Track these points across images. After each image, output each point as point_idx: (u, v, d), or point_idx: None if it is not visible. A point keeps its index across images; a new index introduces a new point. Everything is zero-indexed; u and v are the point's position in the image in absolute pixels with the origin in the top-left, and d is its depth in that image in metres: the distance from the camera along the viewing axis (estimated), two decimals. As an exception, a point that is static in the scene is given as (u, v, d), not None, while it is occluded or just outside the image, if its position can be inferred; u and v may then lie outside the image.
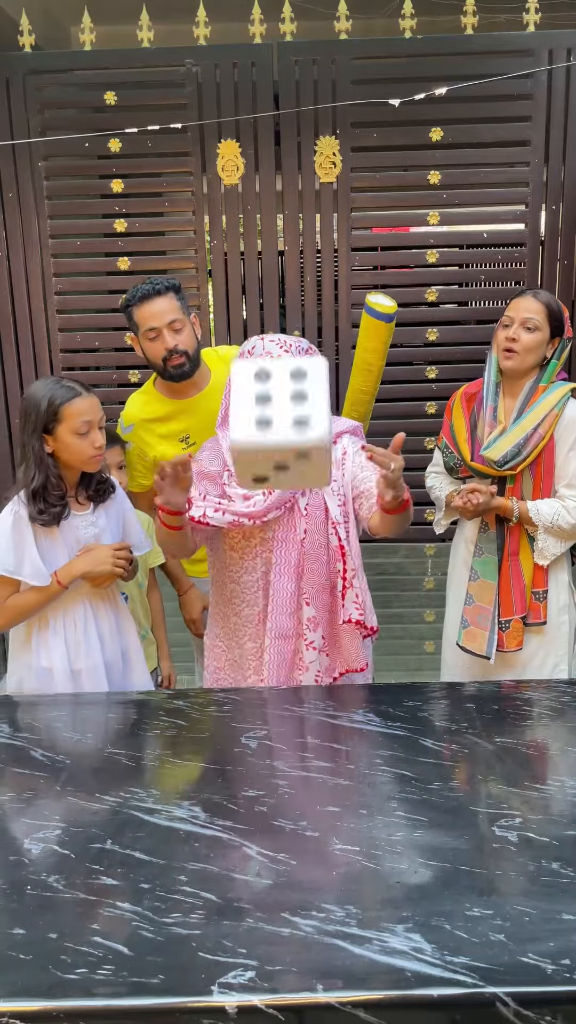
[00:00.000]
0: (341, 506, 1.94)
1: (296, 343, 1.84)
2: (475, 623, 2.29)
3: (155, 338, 2.22)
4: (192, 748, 1.54)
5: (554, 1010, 0.91)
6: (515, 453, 2.18)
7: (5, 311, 3.35)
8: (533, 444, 2.18)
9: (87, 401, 1.87)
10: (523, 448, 2.18)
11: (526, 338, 2.17)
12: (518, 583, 2.25)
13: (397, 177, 3.34)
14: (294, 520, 1.91)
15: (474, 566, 2.29)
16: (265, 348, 1.83)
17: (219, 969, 0.95)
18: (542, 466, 2.21)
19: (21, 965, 0.98)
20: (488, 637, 2.26)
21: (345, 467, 1.95)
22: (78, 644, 1.95)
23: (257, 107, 3.15)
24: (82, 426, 1.85)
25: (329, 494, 1.93)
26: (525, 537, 2.24)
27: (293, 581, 1.91)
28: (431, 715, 1.64)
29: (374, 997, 0.92)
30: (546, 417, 2.18)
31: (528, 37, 3.10)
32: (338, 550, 1.93)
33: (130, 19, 3.16)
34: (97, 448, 1.89)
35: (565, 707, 1.66)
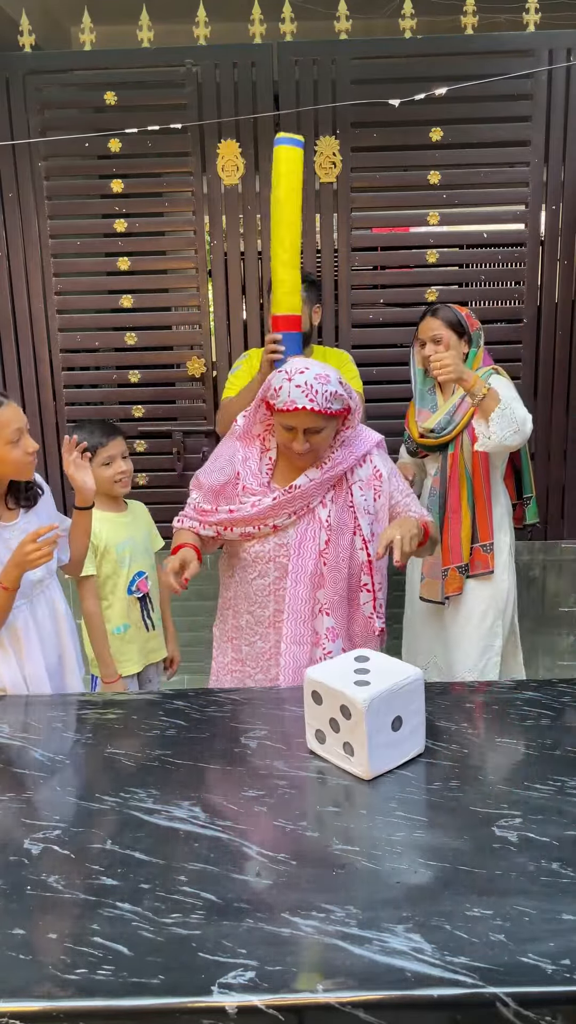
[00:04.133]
0: (370, 524, 1.96)
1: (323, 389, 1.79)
2: (429, 575, 2.70)
3: None
4: (192, 748, 1.54)
5: (554, 1010, 0.91)
6: (448, 421, 2.60)
7: (5, 311, 3.35)
8: (463, 411, 2.58)
9: (13, 409, 1.87)
10: (454, 416, 2.60)
11: (440, 349, 2.56)
12: (455, 536, 2.63)
13: (397, 177, 3.34)
14: (314, 529, 1.92)
15: None
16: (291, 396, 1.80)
17: (219, 969, 0.95)
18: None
19: (21, 965, 0.98)
20: (440, 586, 2.66)
21: (381, 488, 1.98)
22: (21, 650, 1.96)
23: (257, 107, 3.15)
24: (14, 434, 1.85)
25: (361, 511, 1.95)
26: (465, 495, 2.61)
27: (309, 589, 1.91)
28: (431, 715, 1.63)
29: (374, 997, 0.92)
30: None
31: (528, 37, 3.10)
32: (366, 565, 1.95)
33: (130, 19, 3.16)
34: (30, 453, 1.89)
35: (565, 707, 1.66)
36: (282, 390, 1.80)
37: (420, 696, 1.43)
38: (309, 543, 1.91)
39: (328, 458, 1.92)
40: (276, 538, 1.93)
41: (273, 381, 1.84)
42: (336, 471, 1.92)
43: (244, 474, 1.95)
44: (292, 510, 1.90)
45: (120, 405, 3.49)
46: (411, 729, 1.42)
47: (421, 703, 1.43)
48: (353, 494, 1.94)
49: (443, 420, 2.61)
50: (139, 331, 3.38)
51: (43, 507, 2.08)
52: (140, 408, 3.44)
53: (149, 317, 3.49)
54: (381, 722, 1.36)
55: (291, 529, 1.92)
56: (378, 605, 1.98)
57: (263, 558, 1.94)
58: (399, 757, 1.41)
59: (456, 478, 2.62)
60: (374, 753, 1.35)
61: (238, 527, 1.93)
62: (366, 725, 1.33)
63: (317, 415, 1.80)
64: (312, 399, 1.78)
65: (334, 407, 1.82)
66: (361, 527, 1.94)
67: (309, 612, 1.92)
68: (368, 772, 1.36)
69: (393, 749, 1.39)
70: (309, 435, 1.84)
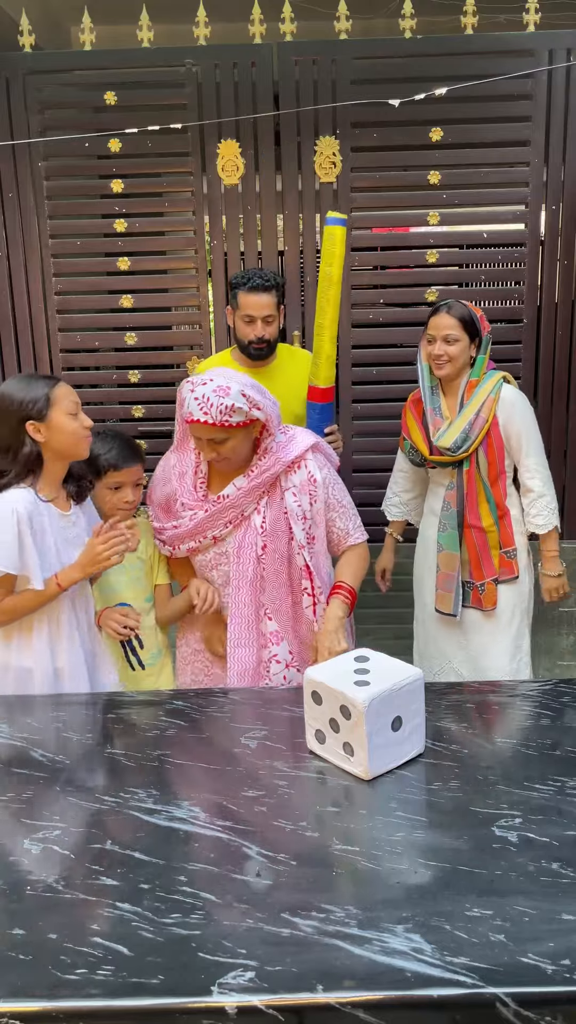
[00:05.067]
0: (306, 530, 2.02)
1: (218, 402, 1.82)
2: (443, 587, 2.65)
3: (249, 322, 2.54)
4: (192, 748, 1.54)
5: (554, 1010, 0.91)
6: (464, 438, 2.52)
7: (5, 311, 3.35)
8: (479, 428, 2.51)
9: (68, 386, 1.91)
10: (470, 433, 2.52)
11: (450, 350, 2.50)
12: (485, 552, 2.59)
13: (397, 177, 3.34)
14: (251, 536, 1.98)
15: (439, 540, 2.64)
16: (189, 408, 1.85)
17: (219, 969, 0.95)
18: (493, 445, 2.54)
19: (21, 965, 0.98)
20: (454, 598, 2.61)
21: (317, 493, 2.02)
22: (60, 643, 1.94)
23: (257, 107, 3.15)
24: (73, 406, 1.86)
25: (294, 517, 1.99)
26: (486, 508, 2.57)
27: (250, 594, 1.99)
28: (431, 715, 1.63)
29: (374, 997, 0.92)
30: (485, 402, 2.51)
31: (528, 37, 3.10)
32: (304, 570, 2.01)
33: (130, 19, 3.16)
34: (87, 428, 1.89)
35: (565, 707, 1.66)
36: (186, 401, 1.87)
37: (420, 696, 1.43)
38: (247, 550, 1.97)
39: (255, 466, 1.97)
40: (216, 548, 2.01)
41: (181, 390, 1.90)
42: (263, 478, 1.96)
43: (180, 490, 2.03)
44: (226, 519, 1.97)
45: (120, 405, 3.49)
46: (411, 729, 1.42)
47: (421, 703, 1.43)
48: (286, 499, 1.98)
49: (459, 438, 2.52)
50: (139, 331, 3.39)
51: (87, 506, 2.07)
52: (140, 408, 3.44)
53: (149, 317, 3.50)
54: (381, 722, 1.36)
55: (229, 538, 1.99)
56: (320, 609, 2.03)
57: (207, 567, 2.05)
58: (399, 757, 1.41)
59: (474, 493, 2.57)
60: (374, 753, 1.35)
61: (183, 543, 2.04)
62: (366, 725, 1.33)
63: (213, 427, 1.84)
64: (207, 412, 1.82)
65: (232, 420, 1.84)
66: (295, 533, 1.98)
67: (253, 616, 2.00)
68: (368, 772, 1.36)
69: (393, 749, 1.39)
70: (215, 445, 1.89)
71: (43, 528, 1.88)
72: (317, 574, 2.03)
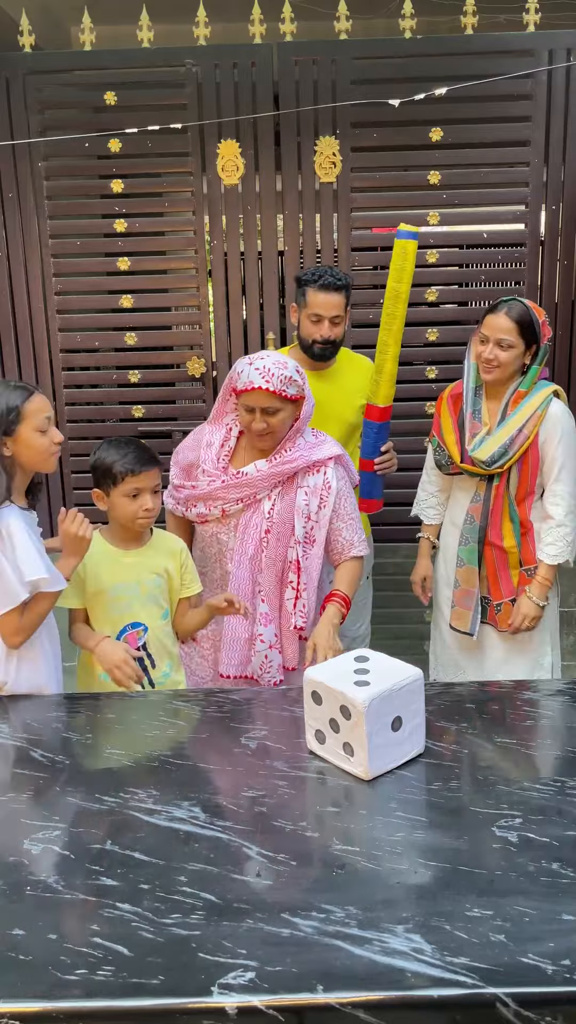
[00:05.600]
0: (307, 529, 2.11)
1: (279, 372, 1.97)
2: (461, 604, 2.46)
3: (316, 322, 2.47)
4: (192, 748, 1.54)
5: (554, 1010, 0.91)
6: (502, 453, 2.31)
7: (5, 311, 3.35)
8: (519, 444, 2.30)
9: (42, 399, 1.87)
10: (509, 448, 2.30)
11: (502, 356, 2.27)
12: (504, 572, 2.41)
13: (397, 177, 3.35)
14: (257, 518, 2.09)
15: (459, 553, 2.46)
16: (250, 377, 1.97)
17: (219, 969, 0.95)
18: (528, 463, 2.33)
19: (21, 965, 0.98)
20: (472, 616, 2.43)
21: (328, 500, 2.12)
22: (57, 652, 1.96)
23: (257, 107, 3.16)
24: (44, 422, 1.84)
25: (299, 513, 2.09)
26: (509, 527, 2.38)
27: (249, 571, 2.11)
28: (431, 715, 1.63)
29: (374, 997, 0.92)
30: (530, 418, 2.30)
31: (528, 37, 3.10)
32: (294, 564, 2.11)
33: (130, 19, 3.16)
34: (57, 444, 1.88)
35: (565, 707, 1.66)
36: (243, 373, 1.99)
37: (420, 696, 1.43)
38: (251, 529, 2.09)
39: (279, 454, 2.08)
40: (224, 523, 2.13)
41: (237, 366, 2.02)
42: (285, 468, 2.07)
43: (204, 457, 2.12)
44: (239, 496, 2.08)
45: (120, 405, 3.49)
46: (411, 729, 1.42)
47: (421, 703, 1.43)
48: (297, 496, 2.09)
49: (496, 452, 2.31)
50: (139, 331, 3.39)
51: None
52: (140, 408, 3.44)
53: (149, 317, 3.50)
54: (381, 722, 1.36)
55: (237, 517, 2.10)
56: (300, 604, 2.12)
57: (213, 537, 2.15)
58: (399, 757, 1.41)
59: (499, 511, 2.38)
60: (374, 753, 1.35)
61: (194, 506, 2.13)
62: (366, 725, 1.33)
63: (272, 395, 1.97)
64: (268, 380, 1.96)
65: (289, 391, 1.99)
66: (295, 529, 2.09)
67: (249, 592, 2.11)
68: (368, 772, 1.36)
69: (393, 749, 1.39)
70: (266, 416, 2.00)
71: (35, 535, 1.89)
72: (306, 572, 2.11)
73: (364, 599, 2.87)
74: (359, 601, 2.84)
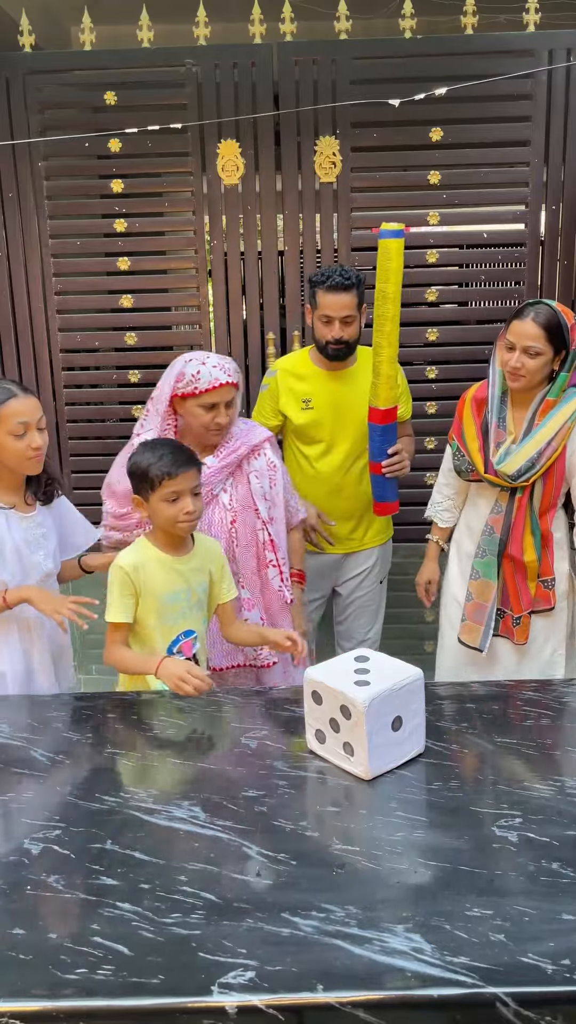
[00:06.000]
0: (268, 509, 2.20)
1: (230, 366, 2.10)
2: (472, 618, 2.36)
3: (327, 323, 2.46)
4: (192, 748, 1.54)
5: (554, 1010, 0.91)
6: (528, 467, 2.20)
7: (5, 311, 3.35)
8: (547, 456, 2.20)
9: (23, 402, 1.86)
10: (536, 461, 2.20)
11: (529, 364, 2.15)
12: (524, 585, 2.30)
13: (397, 177, 3.34)
14: (220, 512, 2.18)
15: (475, 565, 2.35)
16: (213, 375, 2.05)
17: (219, 969, 0.95)
18: (554, 476, 2.24)
19: (21, 965, 0.98)
20: (483, 631, 2.34)
21: (276, 478, 2.24)
22: (31, 644, 1.96)
23: (257, 107, 3.15)
24: (17, 427, 1.83)
25: (258, 497, 2.19)
26: (530, 541, 2.27)
27: None
28: (431, 715, 1.64)
29: (374, 997, 0.92)
30: (560, 430, 2.19)
31: (528, 37, 3.10)
32: (269, 543, 2.20)
33: (130, 19, 3.16)
34: (35, 449, 1.87)
35: (565, 707, 1.66)
36: (201, 373, 2.05)
37: (420, 696, 1.43)
38: (217, 525, 2.17)
39: (223, 447, 2.18)
40: None
41: (188, 369, 2.07)
42: (231, 459, 2.17)
43: None
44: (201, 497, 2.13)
45: (120, 405, 3.49)
46: (411, 729, 1.42)
47: (421, 703, 1.43)
48: (250, 482, 2.19)
49: (524, 466, 2.21)
50: (139, 331, 3.38)
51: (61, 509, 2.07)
52: (140, 408, 3.43)
53: (149, 317, 3.49)
54: (381, 722, 1.36)
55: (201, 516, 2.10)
56: (285, 578, 2.23)
57: None
58: (399, 757, 1.41)
59: (521, 524, 2.28)
60: (374, 753, 1.35)
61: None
62: (366, 725, 1.33)
63: (234, 387, 2.10)
64: (229, 373, 2.08)
65: (238, 379, 2.13)
66: (259, 510, 2.18)
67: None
68: (368, 772, 1.36)
69: (393, 749, 1.39)
70: (227, 409, 2.11)
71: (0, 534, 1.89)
72: (280, 547, 2.22)
73: (377, 603, 2.85)
74: (371, 605, 2.83)
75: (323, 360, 2.56)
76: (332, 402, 2.53)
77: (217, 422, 2.10)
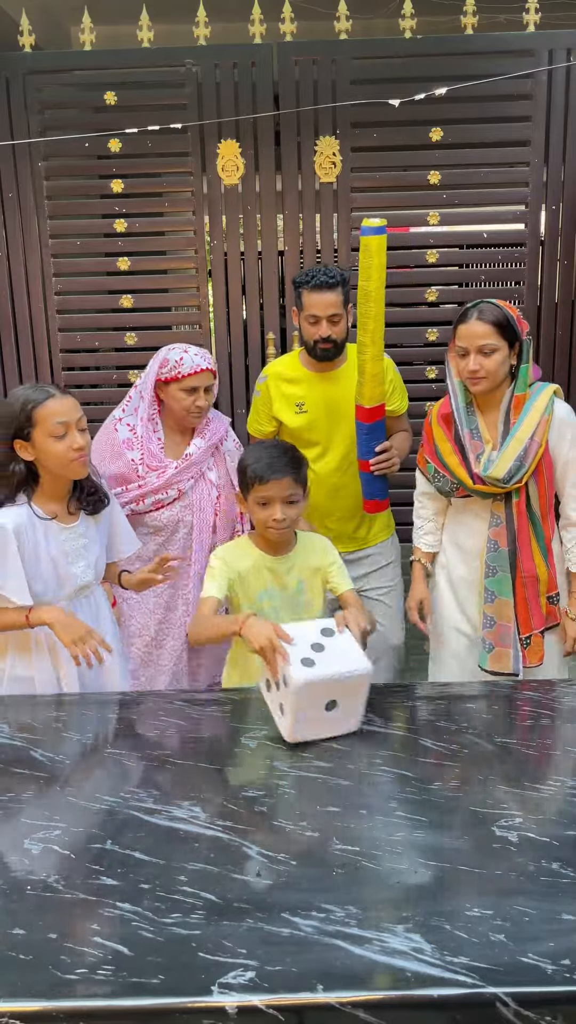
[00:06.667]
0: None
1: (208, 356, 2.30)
2: (499, 643, 2.21)
3: (314, 323, 2.47)
4: (192, 748, 1.54)
5: (554, 1010, 0.91)
6: (518, 467, 2.12)
7: (5, 311, 3.35)
8: (533, 453, 2.13)
9: (61, 402, 1.81)
10: (524, 460, 2.13)
11: (487, 363, 2.08)
12: (535, 601, 2.21)
13: (397, 177, 3.35)
14: (206, 487, 2.39)
15: (488, 587, 2.22)
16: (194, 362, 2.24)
17: (219, 969, 0.95)
18: (543, 472, 2.17)
19: (21, 965, 0.98)
20: (513, 654, 2.20)
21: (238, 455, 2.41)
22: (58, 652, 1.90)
23: (257, 107, 3.16)
24: (57, 428, 1.79)
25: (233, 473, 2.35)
26: (537, 550, 2.19)
27: (209, 536, 2.39)
28: (431, 715, 1.63)
29: (374, 997, 0.92)
30: (539, 424, 2.13)
31: (528, 37, 3.10)
32: (239, 515, 2.43)
33: (130, 19, 3.16)
34: (76, 450, 1.81)
35: (565, 707, 1.66)
36: (184, 360, 2.25)
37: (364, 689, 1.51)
38: (205, 500, 2.39)
39: (207, 428, 2.39)
40: (181, 502, 2.36)
41: (171, 356, 2.27)
42: (214, 440, 2.39)
43: (137, 457, 2.33)
44: (191, 475, 2.36)
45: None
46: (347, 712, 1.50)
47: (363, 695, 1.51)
48: (227, 460, 2.42)
49: (512, 467, 2.12)
50: (139, 331, 3.39)
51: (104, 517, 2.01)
52: (140, 408, 3.43)
53: (149, 317, 3.50)
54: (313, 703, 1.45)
55: (191, 492, 2.37)
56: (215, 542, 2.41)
57: (173, 520, 2.37)
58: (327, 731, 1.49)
59: (525, 531, 2.18)
60: (300, 724, 1.46)
61: (151, 496, 2.33)
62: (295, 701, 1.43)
63: (212, 373, 2.29)
64: (207, 361, 2.28)
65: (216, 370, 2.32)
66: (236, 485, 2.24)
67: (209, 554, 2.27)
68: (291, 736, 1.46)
69: (322, 724, 1.48)
70: (207, 393, 2.30)
71: (36, 545, 1.85)
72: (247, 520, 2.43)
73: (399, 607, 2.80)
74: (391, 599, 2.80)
75: (312, 362, 2.54)
76: (325, 403, 2.53)
77: (197, 405, 2.29)
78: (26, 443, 1.81)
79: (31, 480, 1.86)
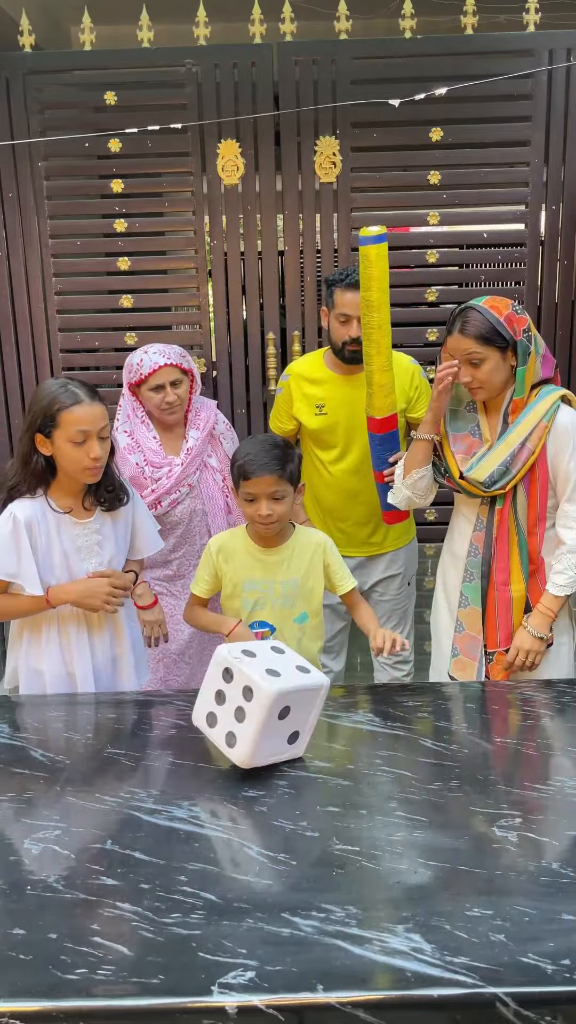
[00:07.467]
0: None
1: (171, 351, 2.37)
2: (464, 652, 2.16)
3: (344, 322, 2.45)
4: (192, 748, 1.54)
5: (554, 1010, 0.91)
6: (503, 472, 2.03)
7: (5, 311, 3.35)
8: (522, 460, 2.02)
9: (87, 409, 1.80)
10: (511, 466, 2.03)
11: (479, 374, 2.01)
12: (504, 615, 2.10)
13: (397, 177, 3.34)
14: (210, 474, 2.49)
15: (464, 591, 2.17)
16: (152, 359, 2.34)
17: (219, 969, 0.95)
18: (536, 481, 2.05)
19: (21, 965, 0.98)
20: (477, 667, 2.14)
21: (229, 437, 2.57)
22: (70, 648, 1.92)
23: (257, 107, 3.15)
24: (77, 435, 1.78)
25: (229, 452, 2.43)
26: (517, 564, 2.08)
27: (224, 520, 2.49)
28: (431, 715, 1.64)
29: (374, 997, 0.92)
30: (534, 430, 2.02)
31: (528, 37, 3.10)
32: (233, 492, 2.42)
33: (130, 19, 3.16)
34: (93, 459, 1.80)
35: (565, 707, 1.66)
36: (143, 361, 2.34)
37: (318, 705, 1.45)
38: (213, 487, 2.50)
39: (198, 418, 2.47)
40: (191, 494, 2.47)
41: (132, 360, 2.38)
42: (208, 428, 2.48)
43: (141, 459, 2.41)
44: (196, 466, 2.45)
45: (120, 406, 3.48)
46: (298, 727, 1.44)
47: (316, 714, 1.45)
48: (223, 444, 2.52)
49: (496, 471, 2.03)
50: (139, 331, 3.38)
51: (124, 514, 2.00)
52: (140, 408, 3.43)
53: (149, 317, 3.49)
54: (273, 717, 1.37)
55: (198, 482, 2.48)
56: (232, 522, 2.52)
57: (187, 512, 2.46)
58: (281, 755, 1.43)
59: (505, 540, 2.08)
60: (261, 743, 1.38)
61: (166, 498, 2.41)
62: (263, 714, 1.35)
63: (175, 368, 2.34)
64: (168, 356, 2.35)
65: (184, 363, 2.38)
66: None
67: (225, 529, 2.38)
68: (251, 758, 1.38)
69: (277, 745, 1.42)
70: (175, 389, 2.36)
71: (48, 538, 1.86)
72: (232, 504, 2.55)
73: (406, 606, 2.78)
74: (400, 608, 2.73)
75: (338, 364, 2.51)
76: (345, 406, 2.50)
77: (167, 401, 2.36)
78: (47, 440, 1.82)
79: (49, 473, 1.88)
